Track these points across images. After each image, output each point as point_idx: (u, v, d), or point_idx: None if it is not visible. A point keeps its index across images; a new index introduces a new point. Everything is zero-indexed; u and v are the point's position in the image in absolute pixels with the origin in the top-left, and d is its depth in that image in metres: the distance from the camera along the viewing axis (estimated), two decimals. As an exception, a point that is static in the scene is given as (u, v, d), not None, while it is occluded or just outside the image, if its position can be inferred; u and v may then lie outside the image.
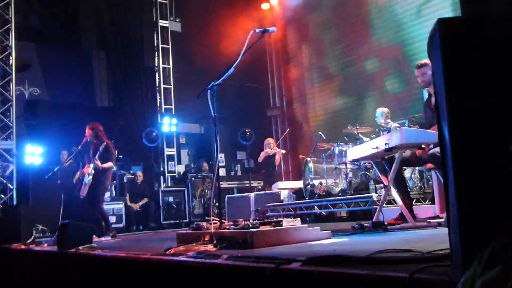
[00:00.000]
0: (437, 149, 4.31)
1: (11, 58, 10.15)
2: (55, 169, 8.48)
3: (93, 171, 7.28)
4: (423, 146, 4.57)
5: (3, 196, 9.71)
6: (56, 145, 10.30)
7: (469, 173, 1.42)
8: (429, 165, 4.99)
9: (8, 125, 10.02)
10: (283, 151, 10.72)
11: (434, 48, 1.60)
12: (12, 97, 10.12)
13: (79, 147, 7.66)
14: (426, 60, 4.91)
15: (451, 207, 1.55)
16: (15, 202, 9.63)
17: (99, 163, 7.24)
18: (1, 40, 10.07)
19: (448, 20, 1.52)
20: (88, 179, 7.28)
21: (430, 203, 6.50)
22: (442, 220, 4.78)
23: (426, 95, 5.23)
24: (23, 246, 6.57)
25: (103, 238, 6.94)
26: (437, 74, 1.56)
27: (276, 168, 10.63)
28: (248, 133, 12.97)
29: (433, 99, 4.88)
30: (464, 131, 1.42)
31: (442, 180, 5.10)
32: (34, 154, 10.27)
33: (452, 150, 1.44)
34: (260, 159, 10.46)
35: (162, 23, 13.02)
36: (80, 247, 4.79)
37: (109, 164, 7.38)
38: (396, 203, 4.85)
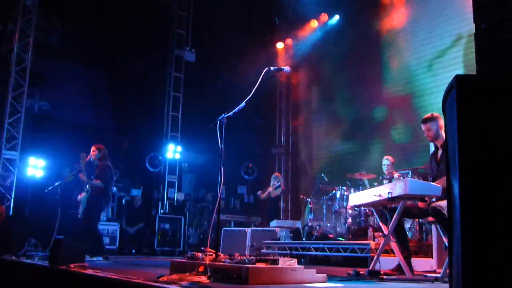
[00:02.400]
0: (440, 203, 4.29)
1: (26, 71, 10.36)
2: (56, 184, 8.47)
3: (89, 190, 7.29)
4: (426, 198, 4.55)
5: (0, 206, 9.69)
6: (59, 161, 10.30)
7: (478, 233, 1.39)
8: (431, 219, 4.95)
9: (15, 136, 10.10)
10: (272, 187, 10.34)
11: (449, 103, 1.61)
12: (22, 109, 10.25)
13: (82, 165, 7.65)
14: (432, 114, 4.91)
15: (455, 263, 1.53)
16: (11, 213, 9.59)
17: (84, 177, 7.24)
18: (18, 53, 10.28)
19: (466, 77, 1.54)
20: (82, 197, 7.31)
21: (428, 256, 6.41)
22: (439, 275, 4.72)
23: (432, 148, 5.24)
24: (13, 258, 6.50)
25: (95, 258, 6.86)
26: (450, 129, 1.57)
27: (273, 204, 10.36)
28: (251, 168, 12.98)
29: (439, 153, 4.89)
30: (476, 189, 1.40)
31: (442, 235, 5.06)
32: (36, 167, 10.28)
33: (461, 207, 1.42)
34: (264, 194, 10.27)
35: (177, 52, 13.19)
36: (72, 265, 4.73)
37: (97, 182, 7.34)
38: (394, 254, 4.79)
